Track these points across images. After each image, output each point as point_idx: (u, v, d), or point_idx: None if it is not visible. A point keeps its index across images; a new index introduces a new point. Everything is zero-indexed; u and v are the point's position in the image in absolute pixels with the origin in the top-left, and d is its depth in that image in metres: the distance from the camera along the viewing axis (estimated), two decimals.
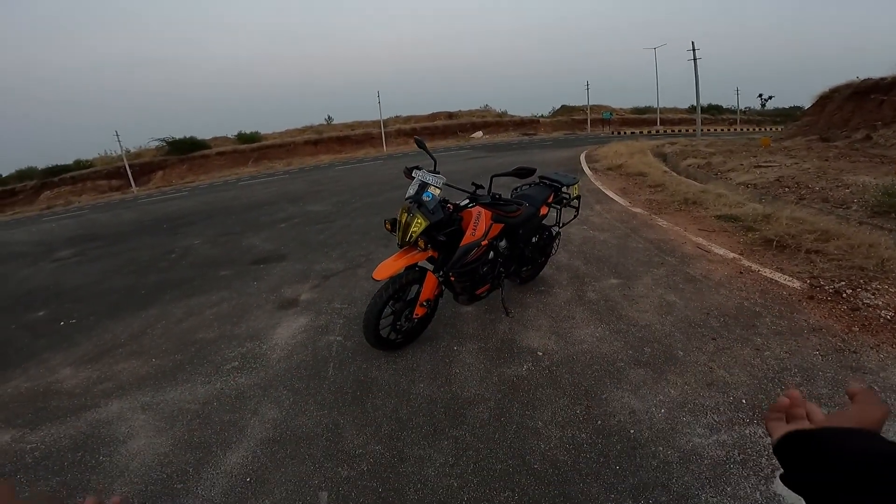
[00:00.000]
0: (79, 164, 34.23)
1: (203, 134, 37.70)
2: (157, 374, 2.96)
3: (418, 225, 2.46)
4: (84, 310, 4.52)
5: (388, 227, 2.66)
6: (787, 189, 7.44)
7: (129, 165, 31.51)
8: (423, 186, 2.58)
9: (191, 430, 2.32)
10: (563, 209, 3.65)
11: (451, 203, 2.75)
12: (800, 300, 3.07)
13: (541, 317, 3.17)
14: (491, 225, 2.79)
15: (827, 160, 9.31)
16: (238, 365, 2.92)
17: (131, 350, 3.38)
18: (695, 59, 28.96)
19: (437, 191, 2.58)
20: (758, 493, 1.67)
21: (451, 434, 2.10)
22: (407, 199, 2.61)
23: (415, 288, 2.71)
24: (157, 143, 35.49)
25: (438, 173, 2.66)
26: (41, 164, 34.29)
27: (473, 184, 2.87)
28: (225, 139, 37.97)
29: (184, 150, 34.46)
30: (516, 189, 3.53)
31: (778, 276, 3.47)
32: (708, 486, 1.71)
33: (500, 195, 2.82)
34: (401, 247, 2.58)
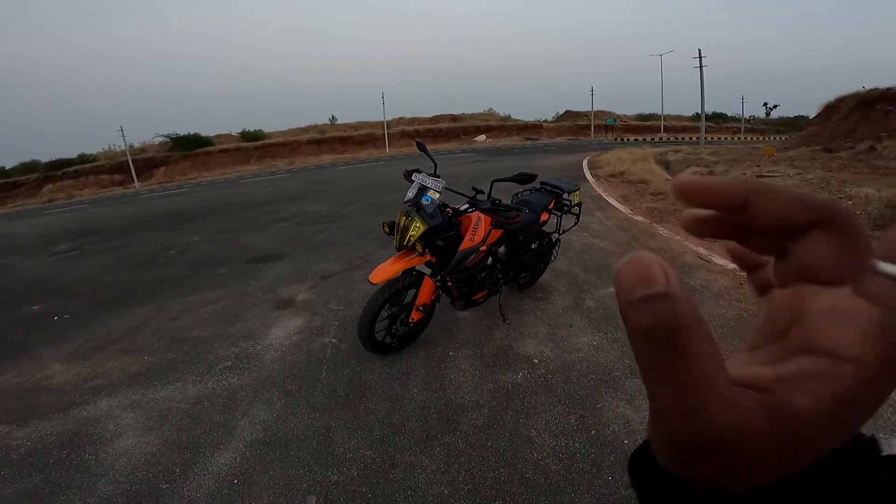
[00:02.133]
0: (82, 159, 34.38)
1: (207, 131, 37.85)
2: (148, 371, 2.93)
3: (416, 229, 2.44)
4: (79, 305, 4.49)
5: (387, 230, 2.64)
6: None
7: (133, 161, 31.54)
8: (423, 190, 2.56)
9: (179, 430, 2.29)
10: (563, 216, 3.62)
11: (450, 207, 2.73)
12: None
13: (538, 324, 3.14)
14: (490, 230, 2.76)
15: (830, 171, 9.30)
16: (231, 365, 2.90)
17: (124, 347, 3.35)
18: (700, 67, 28.93)
19: (437, 195, 2.56)
20: None
21: (444, 440, 2.08)
22: (406, 202, 2.58)
23: (411, 292, 2.68)
24: (160, 139, 35.63)
25: (438, 177, 2.64)
26: (45, 158, 34.49)
27: (473, 188, 2.85)
28: (229, 136, 38.09)
29: (187, 147, 34.56)
30: (517, 195, 3.51)
31: None
32: None
33: (500, 200, 2.80)
34: (398, 250, 2.55)
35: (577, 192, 3.60)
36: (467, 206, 2.81)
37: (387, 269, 2.48)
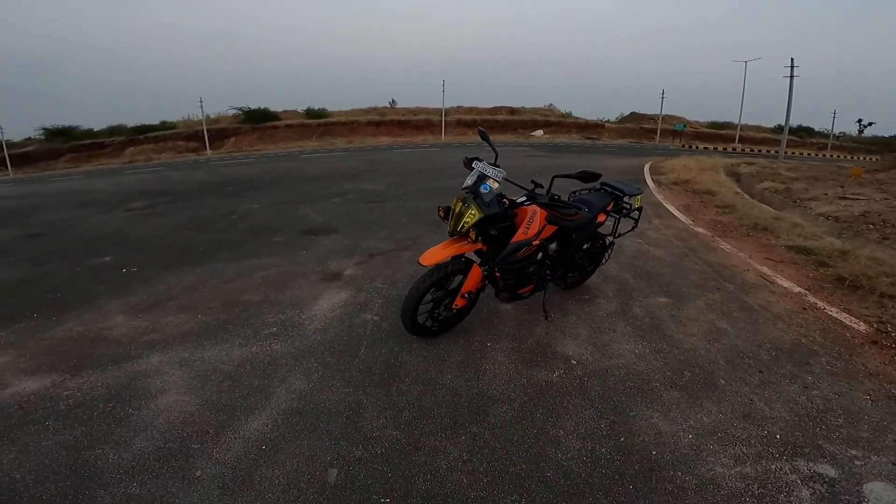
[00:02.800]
0: (163, 125, 36.92)
1: (276, 106, 39.34)
2: (200, 330, 3.08)
3: (472, 216, 2.42)
4: (145, 260, 4.83)
5: (441, 214, 2.64)
6: (871, 226, 6.78)
7: (207, 130, 33.51)
8: (482, 178, 2.54)
9: (220, 392, 2.38)
10: (621, 219, 3.49)
11: (507, 198, 2.69)
12: (862, 344, 2.85)
13: (580, 325, 3.06)
14: (544, 225, 2.71)
15: None
16: (276, 332, 3.02)
17: (181, 304, 3.55)
18: (791, 77, 26.88)
19: (496, 184, 2.53)
20: None
21: (470, 430, 2.08)
22: (464, 188, 2.57)
23: (458, 278, 2.68)
24: (233, 112, 37.56)
25: (499, 167, 2.61)
26: (130, 123, 37.22)
27: (532, 181, 2.79)
28: (294, 113, 39.48)
29: (257, 120, 36.30)
30: (575, 192, 3.41)
31: (844, 317, 3.21)
32: None
33: (559, 196, 2.73)
34: (451, 235, 2.55)
35: (639, 197, 3.46)
36: (525, 198, 2.76)
37: (437, 253, 2.48)
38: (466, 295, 2.67)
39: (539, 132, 38.68)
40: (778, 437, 2.03)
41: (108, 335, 3.08)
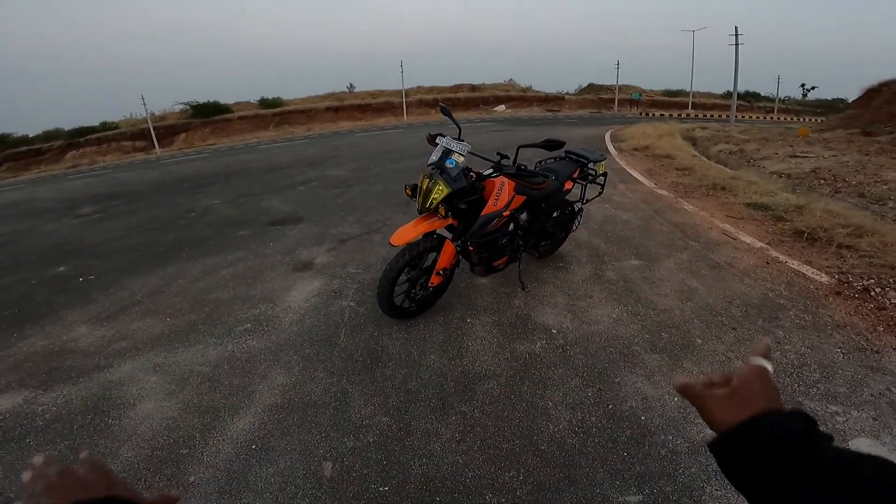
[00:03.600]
0: (105, 126, 34.55)
1: (226, 99, 37.56)
2: (170, 333, 2.96)
3: (439, 192, 2.38)
4: (103, 266, 4.57)
5: (409, 192, 2.59)
6: (822, 181, 7.13)
7: (154, 128, 31.72)
8: (447, 153, 2.50)
9: (200, 394, 2.31)
10: (587, 186, 3.52)
11: (473, 172, 2.66)
12: (826, 295, 2.98)
13: (557, 294, 3.10)
14: (513, 196, 2.69)
15: (868, 154, 8.87)
16: (251, 327, 2.92)
17: (147, 308, 3.39)
18: (736, 45, 27.62)
19: (461, 158, 2.49)
20: None
21: (460, 409, 2.08)
22: (429, 165, 2.52)
23: (432, 256, 2.65)
24: (180, 107, 35.61)
25: (463, 140, 2.56)
26: (68, 126, 34.71)
27: (498, 153, 2.77)
28: (247, 104, 37.89)
29: (207, 114, 34.54)
30: (540, 162, 3.41)
31: (806, 269, 3.35)
32: (714, 479, 1.67)
33: (525, 166, 2.72)
34: (420, 213, 2.51)
35: (603, 163, 3.49)
36: (491, 171, 2.73)
37: (408, 232, 2.44)
38: (441, 272, 2.64)
39: (501, 107, 38.56)
40: None
41: (75, 347, 2.93)
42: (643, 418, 1.98)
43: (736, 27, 27.83)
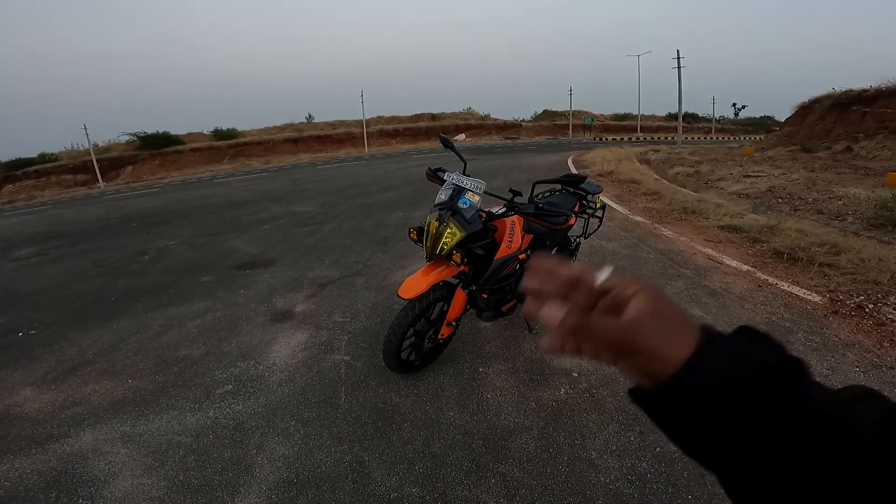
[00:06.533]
0: (43, 158, 32.37)
1: (177, 129, 36.36)
2: (135, 398, 2.57)
3: (451, 235, 2.15)
4: (45, 318, 4.04)
5: (414, 236, 2.35)
6: (780, 199, 7.50)
7: (97, 160, 29.96)
8: (459, 192, 2.27)
9: (186, 470, 1.98)
10: (588, 219, 3.41)
11: (482, 211, 2.43)
12: (825, 315, 3.00)
13: None
14: (523, 235, 2.52)
15: (813, 171, 9.49)
16: (232, 389, 2.57)
17: (102, 368, 2.97)
18: (679, 68, 29.60)
19: (476, 197, 2.28)
20: None
21: (497, 470, 1.85)
22: (437, 205, 2.28)
23: (439, 306, 2.41)
24: (127, 138, 34.00)
25: (473, 177, 2.37)
26: (3, 158, 32.29)
27: (511, 190, 2.55)
28: (200, 135, 36.74)
29: (156, 146, 33.06)
30: (537, 195, 3.29)
31: (797, 290, 3.39)
32: None
33: (542, 203, 2.54)
34: (429, 259, 2.27)
35: (600, 195, 3.41)
36: (504, 209, 2.51)
37: (418, 282, 2.19)
38: (453, 322, 2.42)
39: (461, 136, 39.23)
40: None
41: (20, 413, 2.54)
42: None
43: (678, 51, 29.90)
